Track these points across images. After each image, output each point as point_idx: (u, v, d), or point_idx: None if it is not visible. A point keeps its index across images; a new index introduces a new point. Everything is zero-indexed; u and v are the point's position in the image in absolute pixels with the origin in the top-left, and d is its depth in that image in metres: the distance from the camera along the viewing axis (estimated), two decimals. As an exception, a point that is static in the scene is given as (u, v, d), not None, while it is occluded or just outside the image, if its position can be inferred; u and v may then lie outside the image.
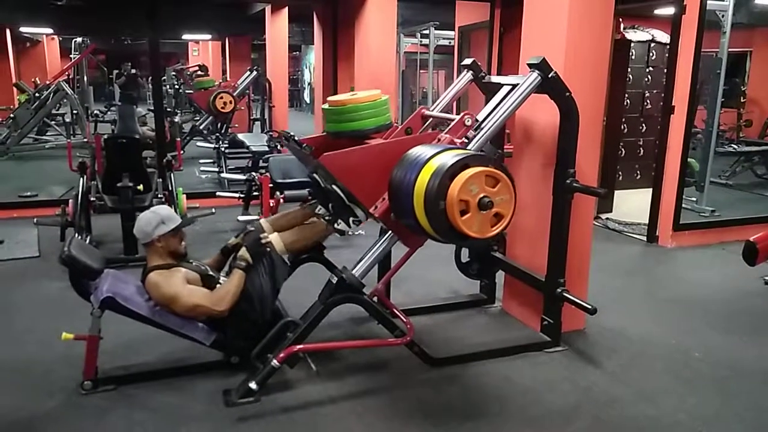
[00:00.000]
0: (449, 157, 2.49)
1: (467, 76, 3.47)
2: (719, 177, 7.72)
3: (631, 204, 6.51)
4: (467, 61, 3.47)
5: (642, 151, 7.67)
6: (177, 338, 2.85)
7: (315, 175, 3.16)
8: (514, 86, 3.06)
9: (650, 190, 5.48)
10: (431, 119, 3.29)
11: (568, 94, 2.99)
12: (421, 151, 2.65)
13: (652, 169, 7.46)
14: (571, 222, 3.17)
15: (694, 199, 6.18)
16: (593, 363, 3.14)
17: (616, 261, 4.92)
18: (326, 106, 3.12)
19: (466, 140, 2.89)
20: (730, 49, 5.94)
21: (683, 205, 5.31)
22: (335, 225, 3.12)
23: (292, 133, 3.08)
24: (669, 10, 5.29)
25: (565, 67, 3.12)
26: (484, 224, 2.50)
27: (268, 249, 2.94)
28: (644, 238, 5.48)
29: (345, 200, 2.91)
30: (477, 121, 2.95)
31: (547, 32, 3.32)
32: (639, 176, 7.62)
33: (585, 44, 3.22)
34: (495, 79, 3.40)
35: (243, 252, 2.91)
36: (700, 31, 4.89)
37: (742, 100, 9.94)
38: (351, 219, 3.03)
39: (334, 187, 2.89)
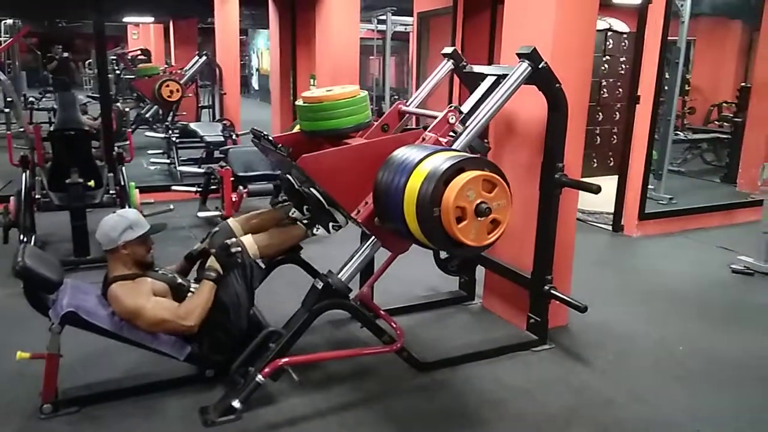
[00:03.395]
0: (442, 160, 2.31)
1: (447, 65, 3.32)
2: (672, 164, 7.87)
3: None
4: (448, 50, 3.32)
5: (599, 139, 7.72)
6: (142, 350, 2.61)
7: (288, 175, 2.94)
8: (499, 77, 2.93)
9: (608, 177, 5.49)
10: (407, 115, 3.13)
11: (558, 85, 2.87)
12: (409, 152, 2.46)
13: (608, 157, 7.58)
14: (555, 217, 3.08)
15: (653, 187, 6.24)
16: (582, 361, 3.08)
17: (586, 252, 4.87)
18: (300, 102, 2.88)
19: (453, 134, 2.75)
20: (674, 38, 5.98)
21: (642, 194, 5.35)
22: (314, 231, 2.91)
23: (264, 133, 2.80)
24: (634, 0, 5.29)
25: (552, 57, 2.98)
26: (481, 231, 2.34)
27: (239, 255, 2.69)
28: (610, 228, 5.51)
29: (324, 204, 2.71)
30: (461, 113, 2.81)
31: (533, 19, 3.19)
32: (596, 165, 7.67)
33: (573, 32, 3.12)
34: (478, 68, 3.26)
35: (212, 262, 2.68)
36: (666, 21, 4.91)
37: (686, 88, 10.21)
38: (331, 224, 2.83)
39: (312, 190, 2.69)
